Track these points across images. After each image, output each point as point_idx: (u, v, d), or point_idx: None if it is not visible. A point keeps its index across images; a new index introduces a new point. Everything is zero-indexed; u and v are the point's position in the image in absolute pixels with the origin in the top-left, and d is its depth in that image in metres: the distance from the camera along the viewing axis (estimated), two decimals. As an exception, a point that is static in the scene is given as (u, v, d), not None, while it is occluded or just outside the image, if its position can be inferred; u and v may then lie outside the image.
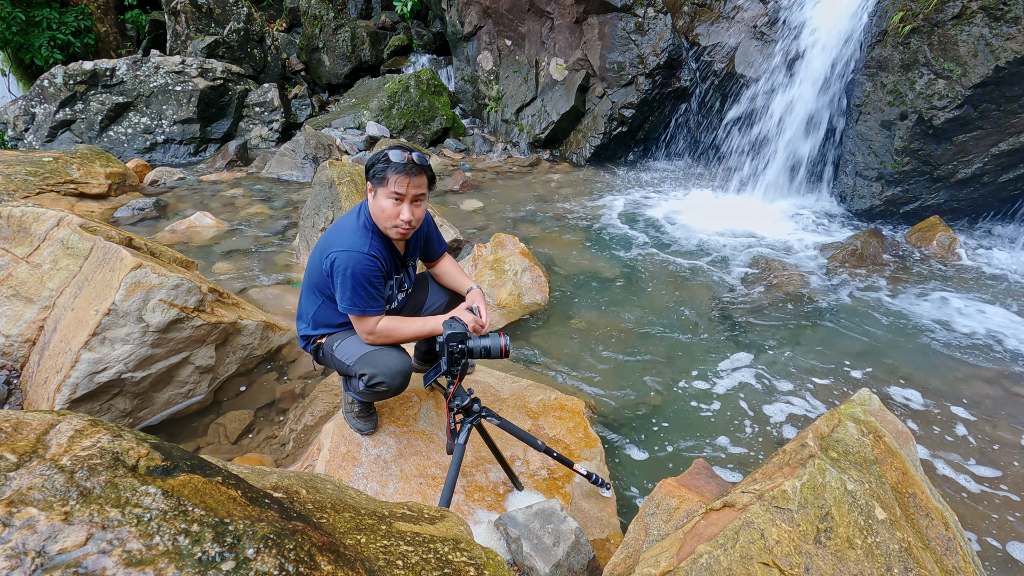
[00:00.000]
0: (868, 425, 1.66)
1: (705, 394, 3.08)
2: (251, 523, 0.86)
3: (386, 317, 2.05)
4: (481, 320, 2.08)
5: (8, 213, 3.14)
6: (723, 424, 2.87)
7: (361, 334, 2.06)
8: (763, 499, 1.45)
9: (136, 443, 0.91)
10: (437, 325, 2.02)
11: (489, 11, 7.57)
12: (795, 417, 2.93)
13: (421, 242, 2.26)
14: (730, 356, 3.41)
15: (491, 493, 2.22)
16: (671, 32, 6.33)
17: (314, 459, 2.22)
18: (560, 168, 7.17)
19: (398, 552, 1.12)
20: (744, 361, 3.36)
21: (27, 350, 2.86)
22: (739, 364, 3.33)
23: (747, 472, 2.52)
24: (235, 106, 7.65)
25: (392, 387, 2.03)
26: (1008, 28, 4.15)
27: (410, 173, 1.89)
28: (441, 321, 1.97)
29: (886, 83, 4.89)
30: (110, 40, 10.41)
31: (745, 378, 3.21)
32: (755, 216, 5.56)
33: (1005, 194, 4.98)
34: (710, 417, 2.92)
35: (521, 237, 4.60)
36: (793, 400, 3.06)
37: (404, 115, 7.70)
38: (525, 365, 3.26)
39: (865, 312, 3.96)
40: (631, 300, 4.05)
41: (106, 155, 5.86)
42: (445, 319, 1.95)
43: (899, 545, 1.39)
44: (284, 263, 4.39)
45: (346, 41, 9.28)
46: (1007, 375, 3.30)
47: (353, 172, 4.32)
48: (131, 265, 2.60)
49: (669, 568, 1.45)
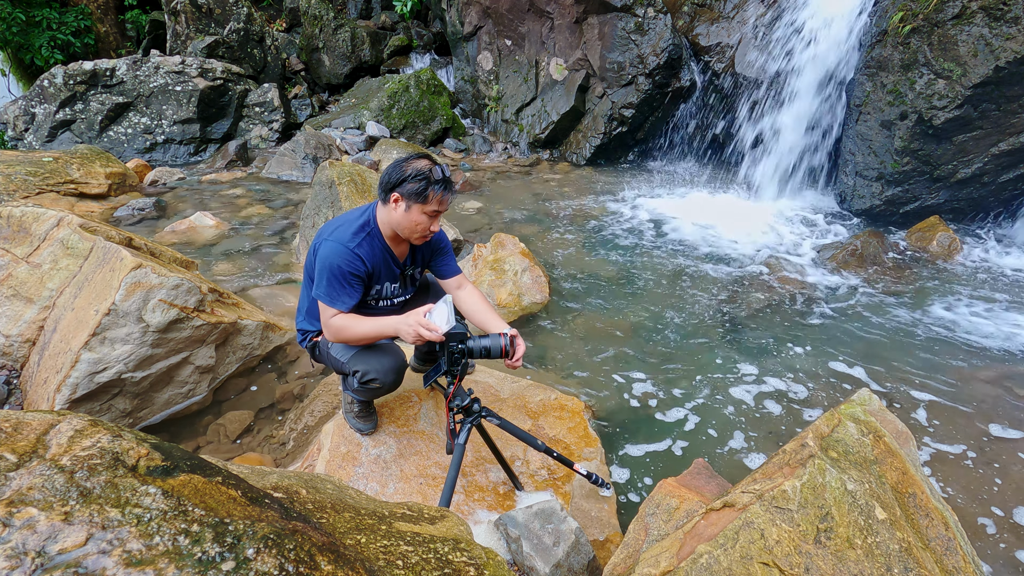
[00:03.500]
0: (868, 425, 1.66)
1: (705, 394, 3.08)
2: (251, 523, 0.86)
3: (343, 314, 1.96)
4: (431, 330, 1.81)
5: (8, 213, 3.14)
6: (723, 424, 2.87)
7: (322, 324, 2.03)
8: (763, 499, 1.45)
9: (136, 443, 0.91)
10: (387, 326, 1.91)
11: (489, 11, 7.57)
12: (795, 417, 2.93)
13: (428, 255, 2.22)
14: (730, 356, 3.41)
15: (491, 493, 2.22)
16: (671, 32, 6.34)
17: (314, 459, 2.22)
18: (560, 168, 7.17)
19: (398, 552, 1.12)
20: (744, 361, 3.36)
21: (27, 350, 2.86)
22: (739, 364, 3.33)
23: (747, 472, 2.52)
24: (235, 106, 7.65)
25: (385, 384, 2.03)
26: (1008, 28, 4.15)
27: (448, 189, 1.90)
28: (396, 322, 1.88)
29: (886, 83, 4.89)
30: (110, 40, 10.41)
31: (745, 378, 3.21)
32: (755, 216, 5.56)
33: (1005, 194, 4.98)
34: (710, 417, 2.92)
35: (521, 237, 4.60)
36: (793, 400, 3.06)
37: (404, 115, 7.70)
38: (525, 365, 3.26)
39: (865, 312, 3.96)
40: (631, 300, 4.05)
41: (106, 155, 5.86)
42: (403, 319, 1.86)
43: (899, 545, 1.39)
44: (284, 263, 4.38)
45: (346, 41, 9.28)
46: (1007, 375, 3.30)
47: (353, 172, 4.32)
48: (131, 265, 2.60)
49: (669, 568, 1.45)
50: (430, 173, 1.86)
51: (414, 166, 1.88)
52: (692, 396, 3.06)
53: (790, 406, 3.01)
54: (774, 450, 2.63)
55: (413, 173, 1.87)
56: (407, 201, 1.89)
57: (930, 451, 2.74)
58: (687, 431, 2.82)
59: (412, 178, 1.86)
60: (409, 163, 1.90)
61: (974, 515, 2.40)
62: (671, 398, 3.04)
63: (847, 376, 3.26)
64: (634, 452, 2.68)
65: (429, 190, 1.86)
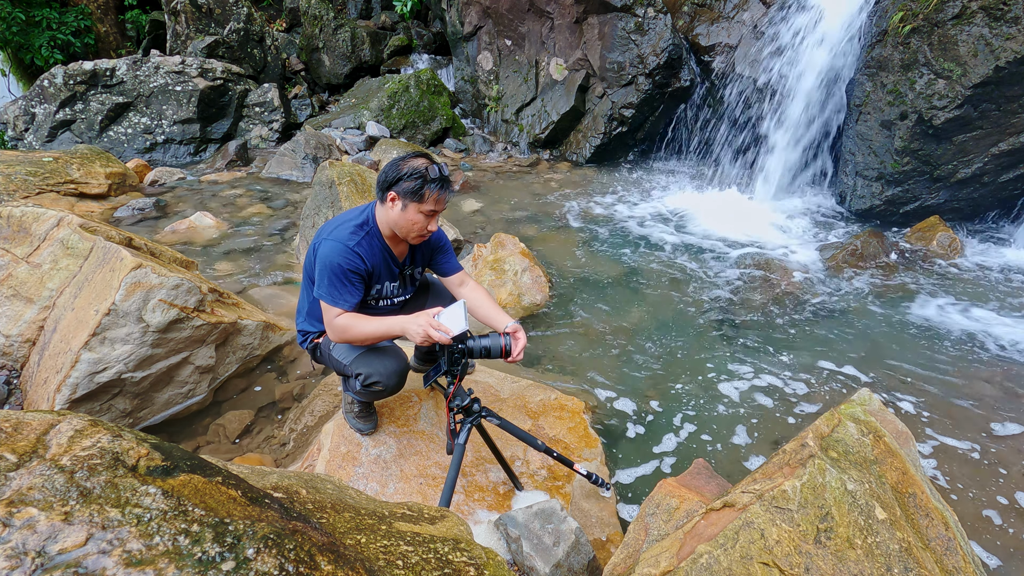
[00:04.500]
0: (868, 425, 1.66)
1: (705, 394, 3.08)
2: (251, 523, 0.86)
3: (347, 313, 1.95)
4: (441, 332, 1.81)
5: (8, 213, 3.14)
6: (723, 424, 2.87)
7: (325, 324, 2.02)
8: (763, 499, 1.45)
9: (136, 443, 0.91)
10: (394, 326, 1.89)
11: (489, 11, 7.56)
12: (795, 417, 2.93)
13: (428, 254, 2.22)
14: (730, 356, 3.41)
15: (491, 493, 2.22)
16: (671, 32, 6.33)
17: (314, 459, 2.22)
18: (560, 168, 7.17)
19: (398, 552, 1.12)
20: (744, 361, 3.36)
21: (27, 350, 2.86)
22: (739, 364, 3.33)
23: (747, 472, 2.52)
24: (235, 106, 7.65)
25: (388, 387, 2.02)
26: (1008, 28, 4.15)
27: (445, 188, 1.89)
28: (404, 321, 1.86)
29: (886, 83, 4.89)
30: (110, 40, 10.41)
31: (745, 378, 3.21)
32: (755, 216, 5.56)
33: (1005, 194, 4.98)
34: (710, 417, 2.92)
35: (521, 237, 4.60)
36: (793, 400, 3.06)
37: (404, 115, 7.70)
38: (525, 365, 3.25)
39: (865, 312, 3.96)
40: (631, 300, 4.05)
41: (106, 155, 5.86)
42: (411, 318, 1.85)
43: (899, 545, 1.39)
44: (284, 263, 4.38)
45: (346, 41, 9.28)
46: (1007, 375, 3.30)
47: (353, 172, 4.32)
48: (131, 265, 2.60)
49: (669, 568, 1.45)
50: (426, 172, 1.85)
51: (411, 165, 1.87)
52: (692, 396, 3.06)
53: (790, 406, 3.01)
54: (774, 450, 2.63)
55: (409, 172, 1.86)
56: (403, 200, 1.88)
57: (930, 450, 2.74)
58: (687, 431, 2.82)
59: (408, 177, 1.85)
60: (406, 162, 1.88)
61: (976, 514, 2.40)
62: (671, 398, 3.04)
63: (847, 376, 3.26)
64: (634, 452, 2.68)
65: (425, 189, 1.85)
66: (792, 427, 2.86)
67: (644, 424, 2.85)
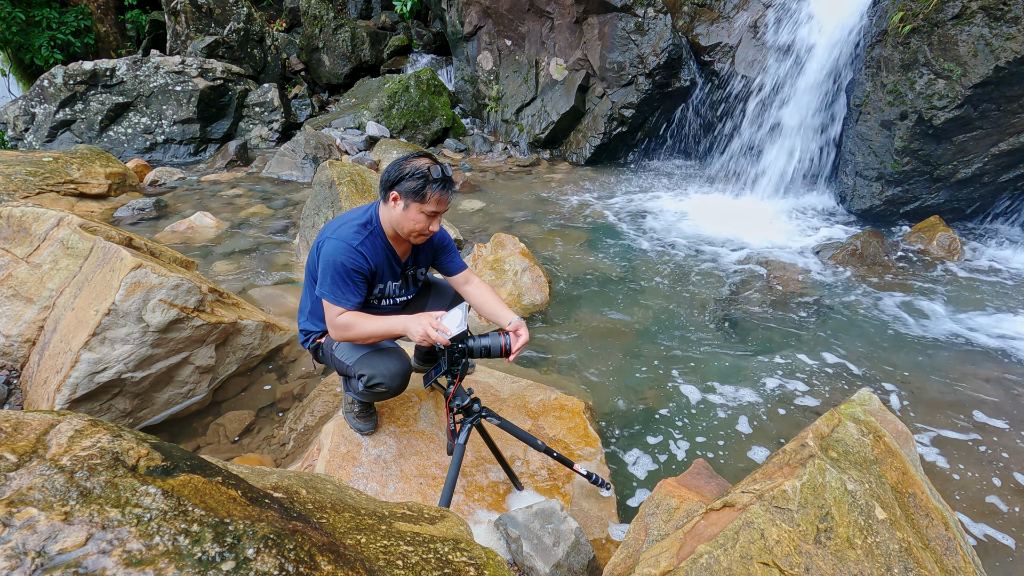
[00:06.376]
0: (868, 425, 1.66)
1: (705, 394, 3.08)
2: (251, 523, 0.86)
3: (349, 312, 1.95)
4: (440, 333, 1.82)
5: (8, 213, 3.14)
6: (723, 424, 2.87)
7: (327, 323, 2.02)
8: (763, 499, 1.45)
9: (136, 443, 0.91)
10: (396, 325, 1.90)
11: (489, 11, 7.56)
12: (795, 417, 2.93)
13: (431, 254, 2.22)
14: (730, 356, 3.41)
15: (491, 493, 2.22)
16: (671, 32, 6.33)
17: (314, 459, 2.22)
18: (560, 168, 7.17)
19: (398, 552, 1.12)
20: (744, 361, 3.36)
21: (27, 350, 2.86)
22: (739, 364, 3.33)
23: (747, 472, 2.52)
24: (235, 106, 7.65)
25: (391, 388, 2.02)
26: (1008, 28, 4.15)
27: (447, 188, 1.89)
28: (405, 321, 1.87)
29: (886, 83, 4.89)
30: (110, 40, 10.41)
31: (745, 378, 3.21)
32: (755, 216, 5.56)
33: (1005, 194, 4.98)
34: (710, 417, 2.92)
35: (521, 237, 4.60)
36: (793, 400, 3.06)
37: (404, 115, 7.70)
38: (525, 365, 3.26)
39: (865, 312, 3.96)
40: (631, 300, 4.05)
41: (106, 155, 5.86)
42: (413, 318, 1.85)
43: (899, 545, 1.39)
44: (284, 263, 4.38)
45: (346, 41, 9.28)
46: (1008, 375, 3.30)
47: (353, 172, 4.32)
48: (131, 265, 2.60)
49: (669, 568, 1.45)
50: (428, 172, 1.85)
51: (413, 164, 1.87)
52: (692, 396, 3.06)
53: (790, 406, 3.01)
54: (774, 450, 2.63)
55: (412, 171, 1.86)
56: (405, 200, 1.88)
57: (930, 450, 2.74)
58: (687, 431, 2.82)
59: (410, 176, 1.86)
60: (408, 161, 1.89)
61: (974, 515, 2.40)
62: (671, 398, 3.04)
63: (847, 376, 3.26)
64: (634, 452, 2.68)
65: (427, 189, 1.85)
66: (792, 427, 2.86)
67: (644, 424, 2.85)
